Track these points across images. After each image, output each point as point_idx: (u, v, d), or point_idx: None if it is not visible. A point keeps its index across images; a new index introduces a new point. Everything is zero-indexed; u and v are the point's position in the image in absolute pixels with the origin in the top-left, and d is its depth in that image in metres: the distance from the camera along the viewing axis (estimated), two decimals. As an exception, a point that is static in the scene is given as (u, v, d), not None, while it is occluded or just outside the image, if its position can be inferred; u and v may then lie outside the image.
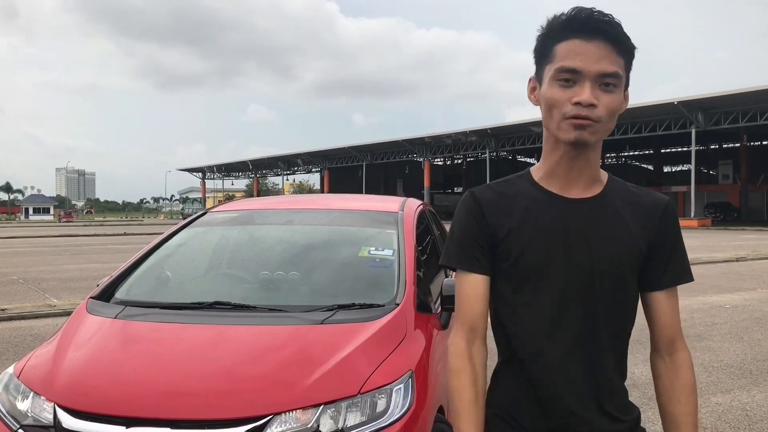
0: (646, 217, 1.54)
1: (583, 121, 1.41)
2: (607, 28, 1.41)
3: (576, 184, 1.53)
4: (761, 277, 14.27)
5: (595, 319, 1.49)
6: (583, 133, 1.43)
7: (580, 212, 1.52)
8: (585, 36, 1.41)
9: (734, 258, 18.47)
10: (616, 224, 1.52)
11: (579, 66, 1.41)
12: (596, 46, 1.41)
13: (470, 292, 1.57)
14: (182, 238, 3.90)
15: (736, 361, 6.70)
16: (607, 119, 1.44)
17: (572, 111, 1.42)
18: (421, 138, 61.49)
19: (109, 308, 3.12)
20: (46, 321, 9.01)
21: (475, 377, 1.55)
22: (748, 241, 27.26)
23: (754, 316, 9.37)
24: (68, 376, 2.59)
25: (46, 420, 2.45)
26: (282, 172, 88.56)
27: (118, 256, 20.96)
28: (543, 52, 1.49)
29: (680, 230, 1.60)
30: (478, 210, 1.56)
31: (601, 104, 1.42)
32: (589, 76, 1.41)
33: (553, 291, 1.49)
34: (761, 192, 60.12)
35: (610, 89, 1.43)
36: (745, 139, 58.79)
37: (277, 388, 2.46)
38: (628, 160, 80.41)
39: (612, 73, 1.42)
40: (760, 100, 40.07)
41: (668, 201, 1.58)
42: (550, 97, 1.45)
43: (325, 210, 4.13)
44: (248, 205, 4.45)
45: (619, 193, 1.56)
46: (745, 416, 5.00)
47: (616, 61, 1.42)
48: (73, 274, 15.20)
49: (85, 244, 29.00)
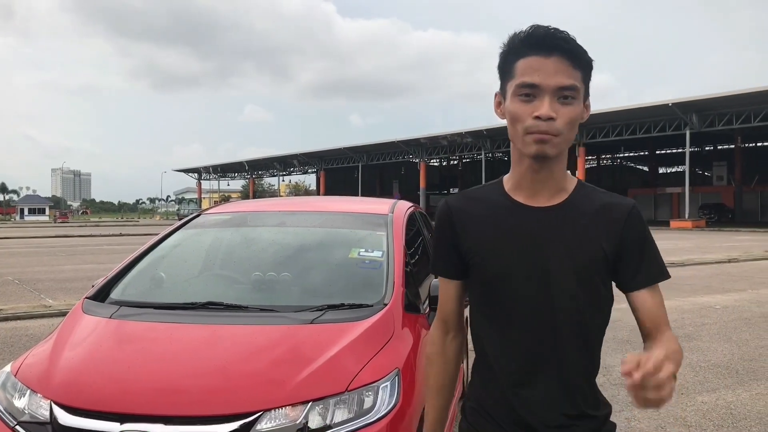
0: (611, 221, 1.59)
1: (543, 135, 1.48)
2: (562, 44, 1.49)
3: (541, 193, 1.60)
4: (752, 278, 14.40)
5: (557, 322, 1.57)
6: (544, 147, 1.50)
7: (543, 220, 1.58)
8: (543, 52, 1.49)
9: (726, 259, 18.61)
10: (577, 231, 1.57)
11: (537, 81, 1.48)
12: (553, 61, 1.48)
13: (444, 294, 1.76)
14: (176, 239, 3.98)
15: (724, 361, 6.80)
16: (567, 131, 1.51)
17: (533, 125, 1.49)
18: (417, 139, 61.59)
19: (104, 308, 3.20)
20: (42, 321, 9.07)
21: (445, 366, 1.77)
22: (741, 243, 27.42)
23: (743, 316, 9.48)
24: (64, 374, 2.66)
25: (43, 417, 2.53)
26: (278, 173, 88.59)
27: (113, 256, 20.99)
28: (505, 69, 1.57)
29: (648, 232, 1.64)
30: (450, 218, 1.68)
31: (560, 117, 1.48)
32: (547, 91, 1.48)
33: (515, 296, 1.58)
34: (755, 193, 60.36)
35: (569, 101, 1.50)
36: (740, 140, 59.00)
37: (268, 386, 2.54)
38: (624, 161, 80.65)
39: (569, 86, 1.48)
40: (754, 102, 40.27)
41: (633, 205, 1.63)
42: (513, 111, 1.52)
43: (316, 212, 4.21)
44: (241, 207, 4.52)
45: (584, 199, 1.62)
46: (729, 414, 5.09)
47: (573, 75, 1.49)
48: (68, 275, 15.25)
49: (81, 244, 29.01)
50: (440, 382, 1.78)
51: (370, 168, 74.98)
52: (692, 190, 48.77)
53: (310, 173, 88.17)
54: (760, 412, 5.15)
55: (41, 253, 23.12)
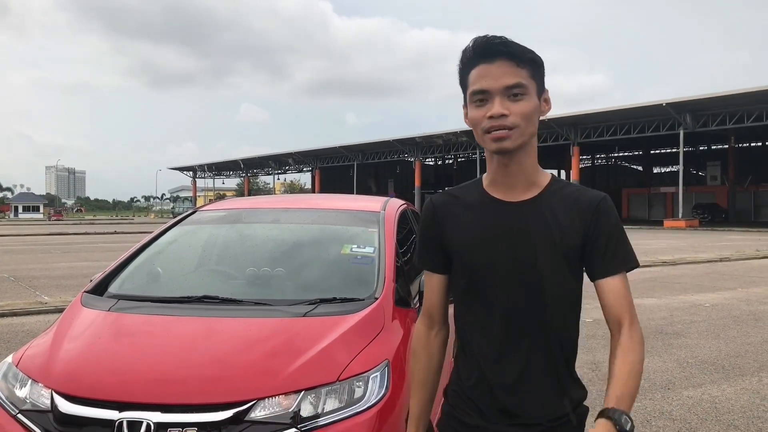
0: (581, 213, 1.68)
1: (499, 132, 1.61)
2: (502, 48, 1.62)
3: (515, 188, 1.71)
4: (742, 277, 14.55)
5: (534, 310, 1.68)
6: (502, 142, 1.62)
7: (518, 214, 1.69)
8: (487, 59, 1.63)
9: (718, 258, 18.77)
10: (551, 223, 1.67)
11: (486, 86, 1.62)
12: (497, 65, 1.61)
13: (429, 287, 1.88)
14: (173, 235, 4.06)
15: (710, 358, 6.92)
16: (524, 124, 1.63)
17: (488, 124, 1.62)
18: (412, 138, 61.68)
19: (103, 302, 3.28)
20: (38, 318, 9.14)
21: (429, 360, 1.88)
22: (733, 242, 27.60)
23: (732, 314, 9.61)
24: (64, 364, 2.75)
25: (44, 405, 2.61)
26: (273, 172, 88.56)
27: (108, 254, 21.00)
28: (462, 81, 1.71)
29: (619, 222, 1.71)
30: (435, 215, 1.80)
31: (513, 112, 1.61)
32: (496, 92, 1.61)
33: (496, 287, 1.69)
34: (748, 193, 60.66)
35: (519, 98, 1.62)
36: (733, 140, 59.28)
37: (261, 376, 2.63)
38: (618, 161, 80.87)
39: (515, 84, 1.61)
40: (747, 102, 40.49)
41: (603, 197, 1.71)
42: (471, 117, 1.68)
43: (310, 209, 4.30)
44: (236, 204, 4.61)
45: (557, 193, 1.72)
46: (713, 408, 5.21)
47: (517, 73, 1.62)
48: (63, 272, 15.30)
49: (76, 242, 29.03)
50: (424, 376, 1.89)
51: (365, 167, 75.05)
52: (686, 190, 48.98)
53: (305, 172, 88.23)
54: (744, 406, 5.27)
55: (36, 251, 23.14)
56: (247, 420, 2.49)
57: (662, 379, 6.03)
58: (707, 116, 44.06)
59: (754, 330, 8.42)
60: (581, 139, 51.10)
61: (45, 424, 2.56)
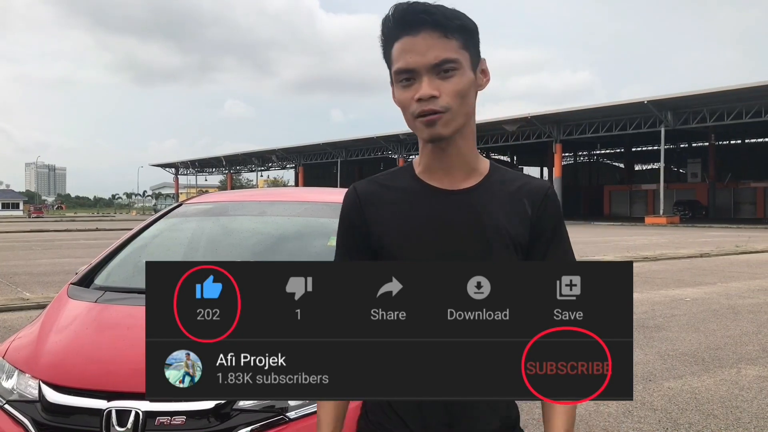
0: (525, 204, 1.53)
1: (430, 117, 1.40)
2: (425, 17, 1.39)
3: (452, 175, 1.52)
4: (722, 271, 14.75)
5: None
6: (435, 128, 1.42)
7: (457, 203, 1.51)
8: (411, 31, 1.40)
9: (698, 254, 19.01)
10: (490, 214, 1.50)
11: (411, 63, 1.40)
12: (423, 38, 1.39)
13: None
14: (158, 228, 4.07)
15: (691, 350, 7.03)
16: (458, 104, 1.42)
17: (417, 108, 1.41)
18: (396, 135, 61.72)
19: (89, 293, 3.29)
20: (20, 314, 9.06)
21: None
22: (713, 238, 27.94)
23: (711, 308, 9.75)
24: (52, 354, 2.75)
25: (31, 395, 2.61)
26: (256, 168, 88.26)
27: (90, 251, 20.86)
28: (386, 56, 1.48)
29: (561, 216, 1.59)
30: (358, 204, 1.57)
31: (444, 92, 1.39)
32: (423, 70, 1.39)
33: None
34: (728, 190, 61.43)
35: (450, 74, 1.40)
36: (713, 138, 59.98)
37: None
38: (600, 158, 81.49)
39: (444, 60, 1.39)
40: (727, 100, 41.02)
41: (549, 187, 1.57)
42: (398, 99, 1.47)
43: (296, 202, 4.32)
44: (222, 198, 4.62)
45: (499, 181, 1.55)
46: (693, 399, 5.29)
47: (447, 46, 1.39)
48: (45, 269, 15.17)
49: (57, 239, 28.77)
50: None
51: (349, 164, 75.02)
52: (667, 187, 49.55)
53: (289, 168, 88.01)
54: (723, 396, 5.36)
55: (17, 248, 22.91)
56: (237, 408, 2.51)
57: (644, 371, 6.11)
58: (688, 114, 44.56)
59: (733, 323, 8.55)
60: (564, 136, 51.46)
61: (32, 414, 2.56)
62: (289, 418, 2.54)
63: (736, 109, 41.46)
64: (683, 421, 4.79)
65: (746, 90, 38.95)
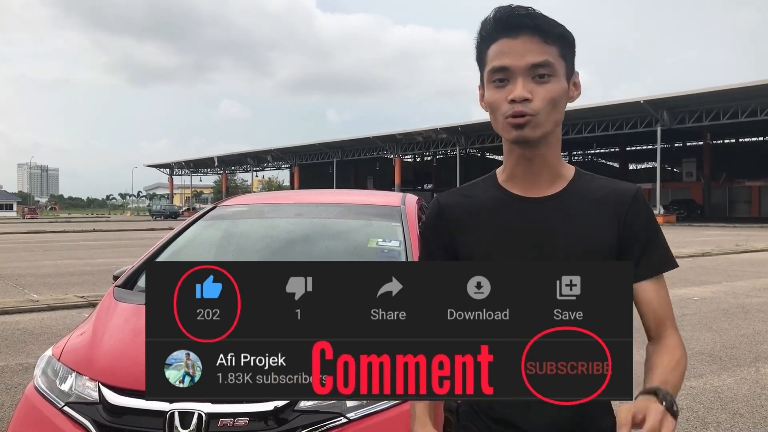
0: (614, 209, 1.50)
1: (519, 119, 1.40)
2: (527, 21, 1.40)
3: (537, 183, 1.51)
4: (726, 271, 14.84)
5: None
6: (523, 130, 1.42)
7: (543, 211, 1.50)
8: (510, 34, 1.41)
9: (700, 253, 19.11)
10: (580, 220, 1.48)
11: (507, 63, 1.40)
12: (522, 41, 1.40)
13: None
14: (195, 231, 4.09)
15: (707, 349, 7.08)
16: (548, 110, 1.42)
17: (509, 109, 1.41)
18: (392, 135, 61.81)
19: (135, 295, 3.30)
20: (31, 316, 9.04)
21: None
22: (711, 237, 28.08)
23: (720, 307, 9.81)
24: (110, 357, 2.77)
25: (91, 397, 2.63)
26: (251, 169, 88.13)
27: (91, 252, 20.87)
28: (480, 58, 1.50)
29: (654, 217, 1.54)
30: (442, 217, 1.58)
31: (537, 97, 1.40)
32: (519, 72, 1.40)
33: None
34: (723, 189, 61.73)
35: (545, 80, 1.41)
36: (709, 137, 60.28)
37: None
38: (595, 157, 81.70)
39: (541, 63, 1.40)
40: (723, 99, 41.22)
41: (637, 189, 1.51)
42: (490, 100, 1.46)
43: (331, 204, 4.34)
44: (256, 200, 4.64)
45: (585, 186, 1.53)
46: (717, 397, 5.34)
47: (545, 51, 1.40)
48: (49, 270, 15.12)
49: (56, 240, 28.67)
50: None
51: (344, 164, 75.01)
52: (662, 187, 49.70)
53: (284, 169, 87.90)
54: (746, 395, 5.41)
55: (17, 249, 22.83)
56: (297, 409, 2.53)
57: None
58: (684, 113, 44.77)
59: (745, 322, 8.61)
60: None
61: (93, 415, 2.58)
62: (349, 419, 2.57)
63: (732, 109, 41.66)
64: (711, 420, 4.83)
65: (742, 90, 39.16)
